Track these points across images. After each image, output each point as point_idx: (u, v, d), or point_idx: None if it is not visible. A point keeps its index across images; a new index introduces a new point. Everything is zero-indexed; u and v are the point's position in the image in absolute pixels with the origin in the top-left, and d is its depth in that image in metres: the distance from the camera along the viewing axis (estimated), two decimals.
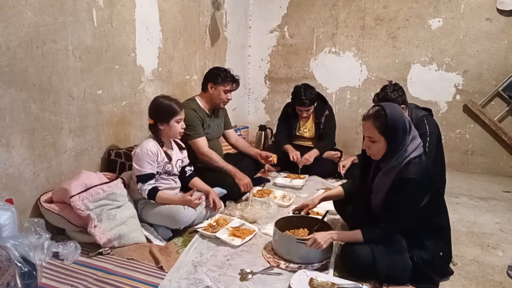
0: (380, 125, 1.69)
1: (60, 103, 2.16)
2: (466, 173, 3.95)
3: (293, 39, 4.55)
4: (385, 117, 1.68)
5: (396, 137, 1.68)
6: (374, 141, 1.73)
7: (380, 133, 1.70)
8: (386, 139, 1.70)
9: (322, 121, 3.52)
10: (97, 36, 2.37)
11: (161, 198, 2.18)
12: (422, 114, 2.82)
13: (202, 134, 2.76)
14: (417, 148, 1.72)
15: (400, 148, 1.69)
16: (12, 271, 1.44)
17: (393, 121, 1.67)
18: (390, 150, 1.71)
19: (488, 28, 3.72)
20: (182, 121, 2.27)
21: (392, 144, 1.70)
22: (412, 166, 1.67)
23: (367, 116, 1.75)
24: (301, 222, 2.12)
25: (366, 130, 1.76)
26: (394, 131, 1.68)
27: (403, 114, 1.73)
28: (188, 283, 1.68)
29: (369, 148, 1.78)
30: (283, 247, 1.92)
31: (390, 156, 1.73)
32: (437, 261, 1.73)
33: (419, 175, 1.65)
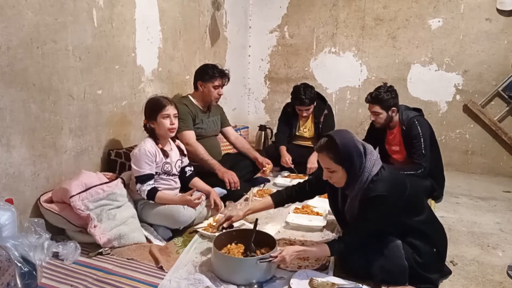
0: (333, 155, 1.69)
1: (60, 103, 2.16)
2: (466, 173, 3.95)
3: (293, 39, 4.55)
4: (337, 147, 1.67)
5: (352, 163, 1.69)
6: (333, 171, 1.72)
7: (336, 163, 1.69)
8: (343, 168, 1.70)
9: (321, 120, 3.52)
10: (97, 36, 2.37)
11: (160, 199, 2.18)
12: (413, 115, 2.82)
13: (191, 128, 2.78)
14: (375, 164, 1.71)
15: (360, 171, 1.69)
16: (12, 271, 1.44)
17: (345, 149, 1.68)
18: (350, 176, 1.71)
19: (488, 28, 3.72)
20: (172, 117, 2.22)
21: (350, 170, 1.70)
22: (375, 184, 1.67)
23: (319, 148, 1.75)
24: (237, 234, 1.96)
25: (322, 162, 1.75)
26: (348, 158, 1.68)
27: (353, 138, 1.74)
28: (188, 283, 1.68)
29: (330, 178, 1.77)
30: (229, 268, 1.73)
31: (352, 182, 1.72)
32: (430, 259, 1.72)
33: (384, 190, 1.65)
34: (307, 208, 2.55)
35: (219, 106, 3.14)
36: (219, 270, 1.75)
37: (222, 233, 1.96)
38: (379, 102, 2.80)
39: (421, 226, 1.74)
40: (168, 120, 2.21)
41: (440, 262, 1.81)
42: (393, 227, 1.74)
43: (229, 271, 1.72)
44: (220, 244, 1.84)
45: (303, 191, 2.05)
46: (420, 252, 1.70)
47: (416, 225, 1.74)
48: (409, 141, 2.78)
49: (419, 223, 1.74)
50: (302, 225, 2.32)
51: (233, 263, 1.73)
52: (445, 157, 3.93)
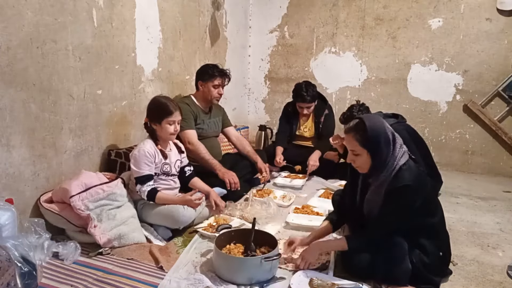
0: (361, 138, 1.66)
1: (60, 103, 2.16)
2: (466, 173, 3.95)
3: (293, 39, 4.55)
4: (365, 130, 1.65)
5: (378, 149, 1.65)
6: (357, 154, 1.70)
7: (362, 146, 1.67)
8: (368, 151, 1.67)
9: (321, 120, 3.53)
10: (97, 36, 2.37)
11: (160, 199, 2.18)
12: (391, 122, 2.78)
13: (192, 127, 2.78)
14: (403, 155, 1.70)
15: (387, 160, 1.67)
16: (12, 271, 1.44)
17: (373, 133, 1.64)
18: (375, 163, 1.68)
19: (488, 28, 3.72)
20: (177, 123, 2.23)
21: (376, 156, 1.66)
22: (402, 173, 1.65)
23: (348, 129, 1.72)
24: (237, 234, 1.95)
25: (348, 144, 1.73)
26: (375, 143, 1.65)
27: (384, 125, 1.70)
28: (188, 283, 1.68)
29: (353, 162, 1.75)
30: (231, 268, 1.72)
31: (378, 170, 1.69)
32: (436, 261, 1.73)
33: (412, 180, 1.63)
34: (307, 208, 2.55)
35: (220, 107, 3.14)
36: (221, 270, 1.75)
37: (221, 233, 1.96)
38: None
39: (433, 227, 1.75)
40: (173, 127, 2.22)
41: (445, 265, 1.82)
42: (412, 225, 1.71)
43: (232, 270, 1.71)
44: (219, 244, 1.84)
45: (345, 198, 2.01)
46: (427, 252, 1.70)
47: (429, 226, 1.74)
48: None
49: (431, 224, 1.75)
50: (302, 225, 2.32)
51: (236, 262, 1.72)
52: (445, 157, 3.96)
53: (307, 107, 3.43)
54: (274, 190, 2.96)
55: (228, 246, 1.89)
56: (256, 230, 1.90)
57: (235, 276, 1.70)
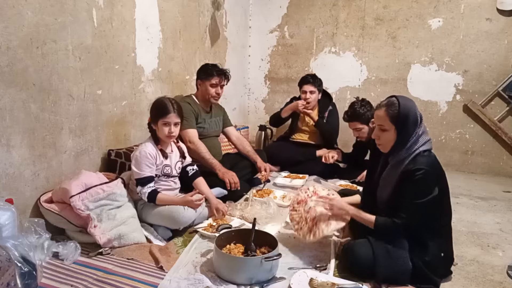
0: (392, 113, 1.71)
1: (60, 103, 2.16)
2: (466, 173, 3.95)
3: (293, 39, 4.55)
4: (398, 106, 1.71)
5: (406, 127, 1.70)
6: (384, 130, 1.75)
7: (391, 121, 1.72)
8: (396, 128, 1.72)
9: (325, 115, 3.58)
10: (97, 36, 2.37)
11: (161, 200, 2.18)
12: None
13: (193, 126, 2.78)
14: (426, 143, 1.73)
15: (410, 139, 1.71)
16: (12, 271, 1.44)
17: (405, 110, 1.70)
18: (399, 141, 1.73)
19: (488, 28, 3.72)
20: (172, 126, 2.18)
21: (402, 134, 1.71)
22: (420, 158, 1.69)
23: (380, 105, 1.79)
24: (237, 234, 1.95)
25: (378, 119, 1.78)
26: (404, 120, 1.70)
27: (415, 107, 1.76)
28: (188, 283, 1.68)
29: (378, 138, 1.80)
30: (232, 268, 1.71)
31: (399, 148, 1.74)
32: (438, 262, 1.73)
33: (428, 165, 1.66)
34: None
35: (221, 107, 3.14)
36: (221, 270, 1.75)
37: (221, 233, 1.96)
38: (357, 118, 2.90)
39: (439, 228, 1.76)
40: (167, 128, 2.18)
41: (446, 267, 1.82)
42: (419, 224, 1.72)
43: (232, 270, 1.71)
44: (219, 244, 1.84)
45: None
46: (428, 252, 1.70)
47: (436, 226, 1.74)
48: None
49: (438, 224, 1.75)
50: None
51: (237, 262, 1.72)
52: (445, 157, 3.96)
53: (310, 90, 3.47)
54: (274, 190, 2.96)
55: (228, 246, 1.89)
56: (256, 230, 1.90)
57: (235, 276, 1.70)
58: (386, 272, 1.68)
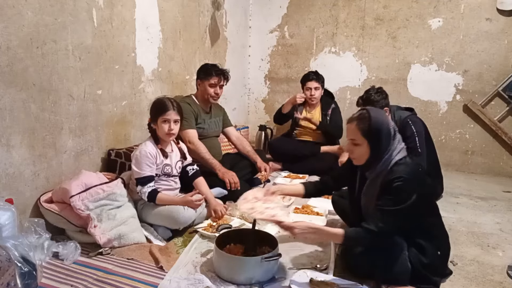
0: (364, 127, 1.67)
1: (60, 103, 2.16)
2: (466, 173, 3.95)
3: (293, 39, 4.55)
4: (369, 120, 1.67)
5: (379, 141, 1.67)
6: (357, 144, 1.71)
7: (363, 135, 1.68)
8: (369, 142, 1.68)
9: (328, 113, 3.61)
10: (97, 36, 2.37)
11: (161, 200, 2.18)
12: (406, 115, 2.82)
13: (193, 126, 2.78)
14: (401, 151, 1.71)
15: (385, 153, 1.68)
16: (12, 271, 1.44)
17: (376, 124, 1.67)
18: (373, 155, 1.69)
19: (488, 28, 3.72)
20: (172, 123, 2.19)
21: (375, 148, 1.68)
22: (398, 167, 1.66)
23: (351, 118, 1.74)
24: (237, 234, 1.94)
25: (349, 133, 1.74)
26: (377, 134, 1.67)
27: (387, 119, 1.73)
28: (188, 283, 1.68)
29: (351, 152, 1.76)
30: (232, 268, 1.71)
31: (374, 163, 1.70)
32: (435, 261, 1.72)
33: (406, 173, 1.63)
34: (307, 208, 2.55)
35: (221, 107, 3.14)
36: (221, 270, 1.75)
37: (221, 233, 1.96)
38: (371, 104, 2.79)
39: (430, 227, 1.74)
40: (167, 125, 2.19)
41: (443, 264, 1.81)
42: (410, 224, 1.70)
43: (232, 270, 1.71)
44: (219, 244, 1.83)
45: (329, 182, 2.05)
46: (425, 252, 1.69)
47: (426, 226, 1.73)
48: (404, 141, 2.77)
49: (429, 224, 1.74)
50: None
51: (237, 262, 1.72)
52: (445, 157, 3.96)
53: (315, 87, 3.52)
54: None
55: (228, 246, 1.89)
56: (256, 230, 1.90)
57: (235, 276, 1.69)
58: (385, 273, 1.67)
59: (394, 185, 1.62)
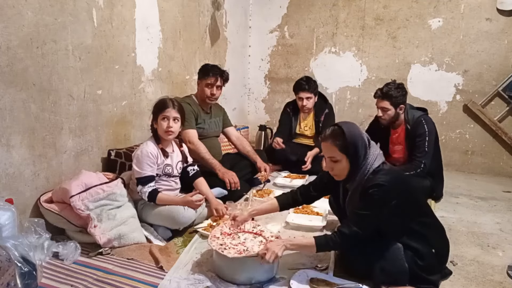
0: (340, 143, 1.67)
1: (60, 103, 2.16)
2: (466, 173, 3.95)
3: (293, 39, 4.55)
4: (343, 134, 1.67)
5: (357, 153, 1.68)
6: (336, 161, 1.70)
7: (341, 151, 1.68)
8: (347, 157, 1.68)
9: (321, 119, 3.54)
10: (97, 36, 2.37)
11: (161, 200, 2.18)
12: (419, 114, 2.82)
13: (193, 126, 2.78)
14: (376, 158, 1.71)
15: (362, 163, 1.69)
16: (12, 271, 1.44)
17: (352, 138, 1.67)
18: (353, 167, 1.70)
19: (488, 28, 3.72)
20: (171, 120, 2.20)
21: (354, 160, 1.68)
22: (374, 175, 1.67)
23: (325, 137, 1.73)
24: None
25: (326, 151, 1.73)
26: (354, 147, 1.67)
27: (360, 130, 1.74)
28: (188, 283, 1.68)
29: (332, 169, 1.75)
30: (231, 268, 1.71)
31: (354, 174, 1.71)
32: (431, 260, 1.72)
33: (383, 180, 1.63)
34: (307, 208, 2.55)
35: (221, 107, 3.14)
36: (222, 269, 1.75)
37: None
38: (389, 98, 2.75)
39: (422, 229, 1.73)
40: (166, 123, 2.19)
41: (440, 263, 1.81)
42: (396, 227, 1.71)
43: (232, 270, 1.70)
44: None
45: (308, 193, 2.01)
46: (420, 254, 1.69)
47: (418, 227, 1.72)
48: (413, 140, 2.77)
49: (420, 225, 1.73)
50: (302, 225, 2.32)
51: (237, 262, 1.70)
52: (445, 157, 3.93)
53: (307, 97, 3.43)
54: (274, 190, 2.96)
55: None
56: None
57: (235, 275, 1.69)
58: (383, 273, 1.67)
59: (369, 191, 1.63)
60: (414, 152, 2.75)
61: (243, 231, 1.89)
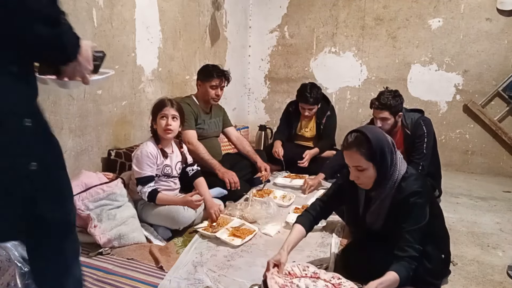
0: (366, 151, 1.56)
1: (60, 103, 2.16)
2: (466, 173, 3.95)
3: (293, 39, 4.55)
4: (369, 141, 1.56)
5: (385, 160, 1.58)
6: (363, 170, 1.59)
7: (368, 159, 1.57)
8: (374, 165, 1.58)
9: (323, 121, 3.53)
10: (97, 36, 2.37)
11: (161, 200, 2.18)
12: (417, 116, 2.80)
13: (193, 127, 2.77)
14: (402, 162, 1.66)
15: (391, 169, 1.60)
16: (12, 271, 1.44)
17: (378, 144, 1.57)
18: (380, 174, 1.60)
19: (488, 28, 3.72)
20: (169, 118, 2.20)
21: (382, 167, 1.59)
22: (406, 182, 1.61)
23: (348, 145, 1.61)
24: None
25: (351, 160, 1.62)
26: (381, 154, 1.57)
27: (384, 133, 1.66)
28: (188, 283, 1.68)
29: (358, 178, 1.64)
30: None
31: (382, 181, 1.61)
32: (439, 265, 1.71)
33: (419, 186, 1.59)
34: None
35: (221, 107, 3.14)
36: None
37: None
38: (388, 108, 2.69)
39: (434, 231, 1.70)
40: (164, 121, 2.19)
41: (446, 267, 1.81)
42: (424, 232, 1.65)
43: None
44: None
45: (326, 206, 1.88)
46: (430, 257, 1.67)
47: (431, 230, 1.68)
48: (412, 143, 2.76)
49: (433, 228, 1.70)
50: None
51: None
52: (445, 157, 3.96)
53: (309, 108, 3.41)
54: (274, 190, 2.96)
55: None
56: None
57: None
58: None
59: (411, 201, 1.56)
60: (413, 154, 2.74)
61: (296, 277, 1.65)
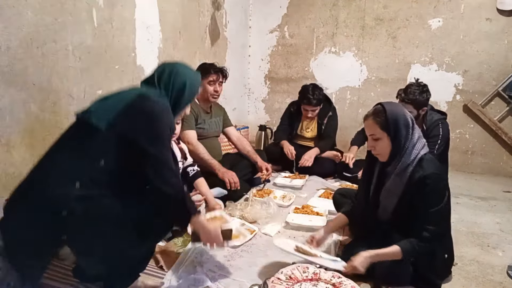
0: (380, 120, 1.66)
1: (60, 103, 2.16)
2: (466, 173, 3.95)
3: (293, 39, 4.55)
4: (384, 112, 1.66)
5: (398, 131, 1.64)
6: (377, 139, 1.69)
7: (382, 129, 1.66)
8: (388, 134, 1.66)
9: (324, 122, 3.54)
10: (97, 36, 2.37)
11: None
12: (437, 117, 2.80)
13: (193, 127, 2.77)
14: (423, 147, 1.69)
15: (407, 144, 1.65)
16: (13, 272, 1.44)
17: (393, 115, 1.65)
18: (396, 147, 1.66)
19: (488, 28, 3.72)
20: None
21: (396, 139, 1.65)
22: (426, 163, 1.64)
23: (367, 115, 1.74)
24: None
25: (368, 128, 1.73)
26: (395, 124, 1.64)
27: (403, 110, 1.72)
28: (188, 283, 1.68)
29: (373, 148, 1.73)
30: None
31: (398, 154, 1.67)
32: (441, 264, 1.72)
33: (436, 169, 1.62)
34: (307, 208, 2.55)
35: (221, 107, 3.14)
36: None
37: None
38: (413, 102, 2.67)
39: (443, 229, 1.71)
40: None
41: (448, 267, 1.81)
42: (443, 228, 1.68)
43: None
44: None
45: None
46: (435, 258, 1.68)
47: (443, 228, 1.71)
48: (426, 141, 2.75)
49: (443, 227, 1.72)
50: (303, 225, 2.32)
51: None
52: None
53: (312, 110, 3.42)
54: (274, 190, 2.96)
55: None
56: None
57: None
58: (385, 273, 1.67)
59: (428, 182, 1.60)
60: None
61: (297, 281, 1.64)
